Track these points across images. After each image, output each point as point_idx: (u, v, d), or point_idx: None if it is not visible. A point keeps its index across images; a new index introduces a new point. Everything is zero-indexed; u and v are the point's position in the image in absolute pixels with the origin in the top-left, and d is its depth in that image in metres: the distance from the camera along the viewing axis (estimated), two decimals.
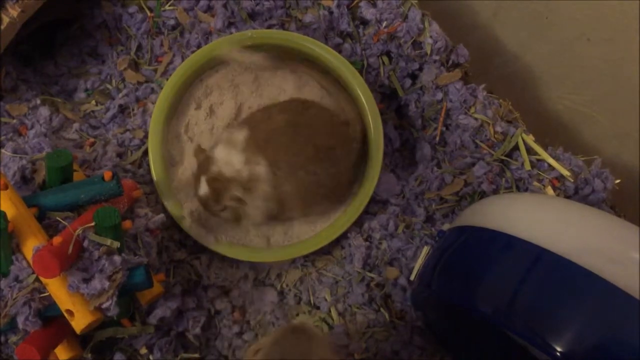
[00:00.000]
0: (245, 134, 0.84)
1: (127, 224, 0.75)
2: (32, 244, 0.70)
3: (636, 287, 0.62)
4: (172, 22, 0.95)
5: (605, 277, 0.62)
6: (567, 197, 0.88)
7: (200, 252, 0.89)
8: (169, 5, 0.95)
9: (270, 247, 0.89)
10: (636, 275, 0.62)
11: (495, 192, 0.89)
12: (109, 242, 0.71)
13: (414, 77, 0.96)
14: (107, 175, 0.76)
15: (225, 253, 0.87)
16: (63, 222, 0.73)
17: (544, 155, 0.89)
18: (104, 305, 0.70)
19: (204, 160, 0.84)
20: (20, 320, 0.71)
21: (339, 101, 0.90)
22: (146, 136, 0.91)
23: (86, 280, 0.69)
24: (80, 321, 0.69)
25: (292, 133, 0.84)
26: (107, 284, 0.69)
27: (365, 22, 0.95)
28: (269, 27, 0.94)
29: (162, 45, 0.96)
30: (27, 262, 0.72)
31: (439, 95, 0.93)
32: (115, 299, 0.70)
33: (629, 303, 0.62)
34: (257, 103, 0.92)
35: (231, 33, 0.93)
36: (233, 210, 0.85)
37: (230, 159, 0.83)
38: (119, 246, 0.71)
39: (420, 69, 0.94)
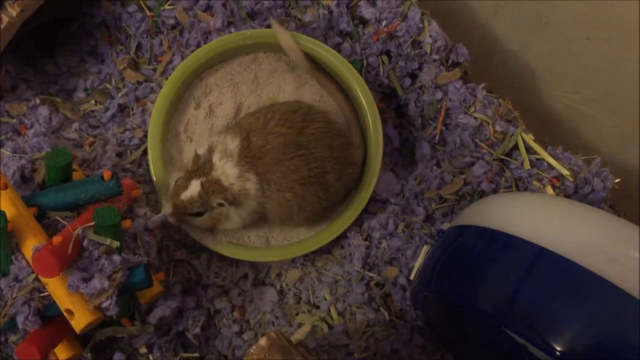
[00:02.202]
0: (238, 144, 0.83)
1: (126, 223, 0.75)
2: (31, 244, 0.70)
3: (636, 286, 0.62)
4: (171, 21, 0.95)
5: (604, 277, 0.62)
6: (567, 196, 0.88)
7: (199, 251, 0.89)
8: (169, 5, 0.95)
9: (270, 246, 0.89)
10: (636, 275, 0.62)
11: (495, 191, 0.89)
12: (108, 241, 0.71)
13: (413, 76, 0.96)
14: (107, 174, 0.76)
15: (225, 253, 0.87)
16: (62, 221, 0.73)
17: (543, 154, 0.89)
18: (104, 305, 0.70)
19: (204, 164, 0.83)
20: (20, 319, 0.71)
21: (349, 122, 0.90)
22: (145, 135, 0.91)
23: (86, 280, 0.70)
24: (80, 320, 0.69)
25: (287, 152, 0.83)
26: (106, 283, 0.69)
27: (364, 22, 0.95)
28: (269, 26, 0.94)
29: (161, 44, 0.96)
30: (27, 262, 0.72)
31: (439, 95, 0.93)
32: (115, 298, 0.70)
33: (628, 302, 0.62)
34: (256, 102, 0.92)
35: (230, 32, 0.93)
36: (212, 217, 0.84)
37: (226, 171, 0.82)
38: (118, 245, 0.71)
39: (420, 68, 0.94)
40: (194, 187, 0.82)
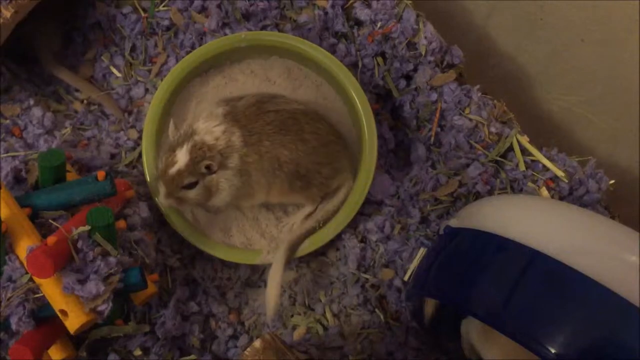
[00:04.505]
0: (223, 110, 0.82)
1: (120, 223, 0.75)
2: (25, 244, 0.70)
3: (629, 289, 0.62)
4: (166, 22, 0.95)
5: (597, 280, 0.62)
6: (562, 197, 0.88)
7: (195, 254, 0.89)
8: (163, 6, 0.95)
9: (265, 248, 0.89)
10: (629, 278, 0.62)
11: (490, 193, 0.89)
12: (109, 247, 0.71)
13: (408, 77, 0.96)
14: (101, 175, 0.75)
15: (220, 256, 0.87)
16: (54, 223, 0.73)
17: (538, 156, 0.89)
18: (100, 309, 0.70)
19: (186, 132, 0.81)
20: (13, 320, 0.70)
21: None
22: (140, 137, 0.91)
23: (81, 282, 0.69)
24: (74, 321, 0.69)
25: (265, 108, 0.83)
26: (102, 288, 0.69)
27: (359, 23, 0.95)
28: (264, 27, 0.94)
29: (156, 45, 0.95)
30: (21, 263, 0.71)
31: (434, 96, 0.93)
32: (110, 303, 0.70)
33: (621, 305, 0.61)
34: None
35: (225, 34, 0.93)
36: (205, 188, 0.81)
37: (210, 129, 0.80)
38: (116, 253, 0.71)
39: (415, 69, 0.94)
40: (181, 155, 0.79)
